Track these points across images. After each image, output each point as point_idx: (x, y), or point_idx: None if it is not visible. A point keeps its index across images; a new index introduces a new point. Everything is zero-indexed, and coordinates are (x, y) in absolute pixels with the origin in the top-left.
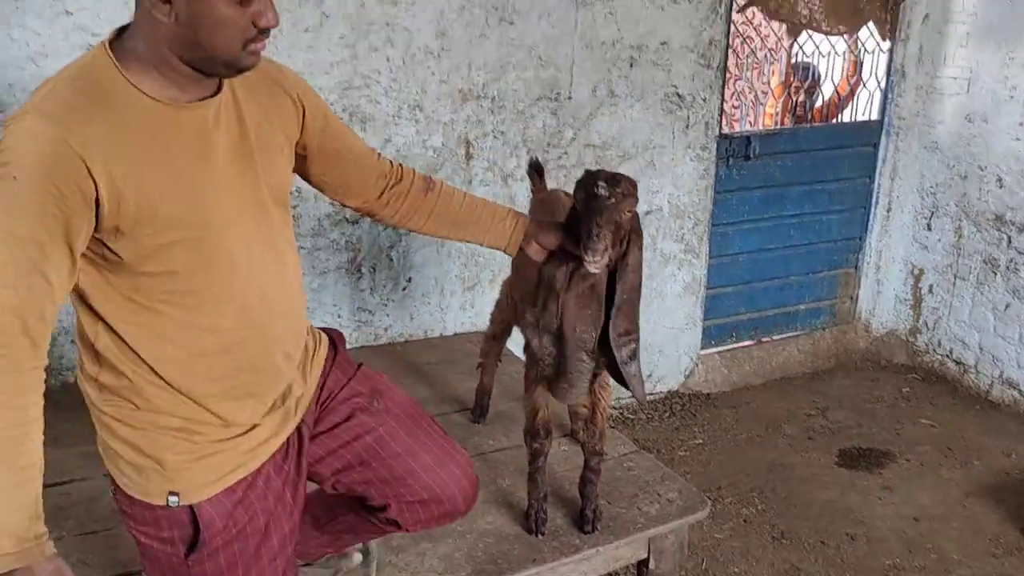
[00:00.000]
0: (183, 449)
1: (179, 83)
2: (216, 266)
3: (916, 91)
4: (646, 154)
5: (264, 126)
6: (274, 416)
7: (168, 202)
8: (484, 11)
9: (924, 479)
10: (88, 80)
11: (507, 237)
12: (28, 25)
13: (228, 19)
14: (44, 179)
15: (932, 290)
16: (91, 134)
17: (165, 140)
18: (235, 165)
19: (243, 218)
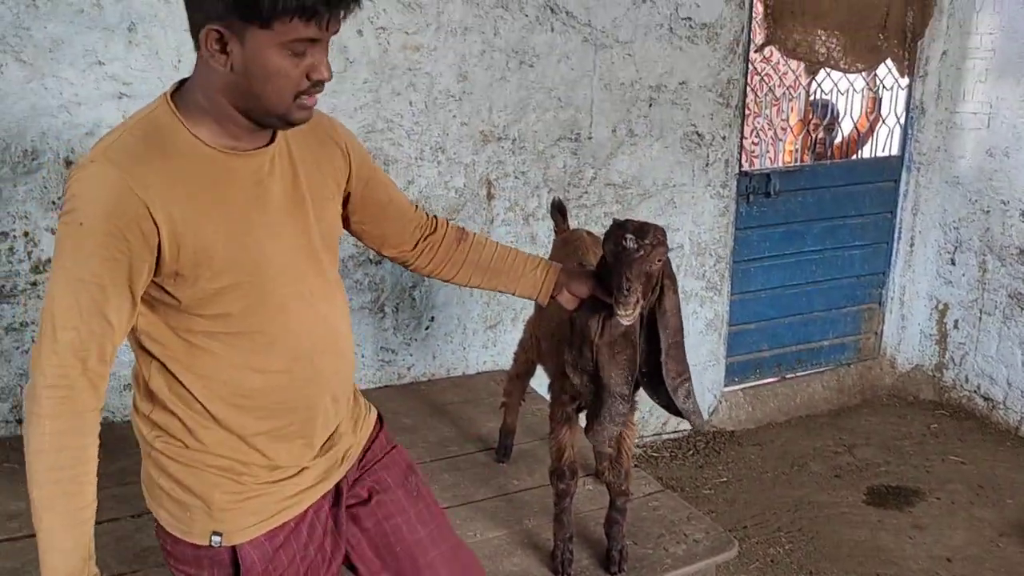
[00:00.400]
0: (229, 489)
1: (235, 133)
2: (269, 309)
3: (936, 126)
4: (666, 192)
5: (315, 175)
6: (321, 461)
7: (225, 247)
8: (504, 55)
9: (955, 518)
10: (150, 129)
11: (538, 286)
12: (61, 75)
13: (281, 71)
14: (108, 223)
15: (958, 325)
16: (152, 180)
17: (222, 187)
18: (288, 212)
19: (296, 263)
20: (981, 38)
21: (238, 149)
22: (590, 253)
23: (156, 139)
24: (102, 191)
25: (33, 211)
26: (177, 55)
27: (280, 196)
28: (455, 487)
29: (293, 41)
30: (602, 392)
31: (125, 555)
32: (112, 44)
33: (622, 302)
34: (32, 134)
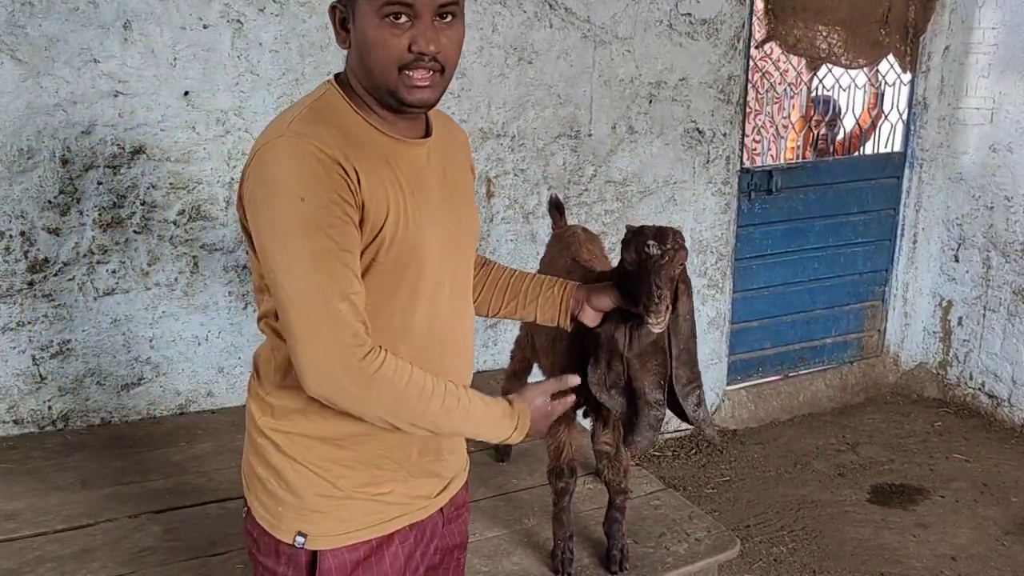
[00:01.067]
0: (325, 491)
1: (388, 119)
2: (412, 294)
3: (939, 122)
4: (667, 189)
5: (463, 175)
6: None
7: (394, 222)
8: (503, 51)
9: (960, 516)
10: (325, 110)
11: (558, 305)
12: (57, 73)
13: (379, 40)
14: (326, 191)
15: (962, 322)
16: (342, 150)
17: (394, 167)
18: (443, 204)
19: (445, 255)
20: (984, 33)
21: (400, 136)
22: (583, 249)
23: (332, 119)
24: (307, 163)
25: (29, 210)
26: (173, 52)
27: (437, 187)
28: None
29: (385, 5)
30: (637, 402)
31: (123, 555)
32: (107, 42)
33: (653, 311)
34: (28, 133)
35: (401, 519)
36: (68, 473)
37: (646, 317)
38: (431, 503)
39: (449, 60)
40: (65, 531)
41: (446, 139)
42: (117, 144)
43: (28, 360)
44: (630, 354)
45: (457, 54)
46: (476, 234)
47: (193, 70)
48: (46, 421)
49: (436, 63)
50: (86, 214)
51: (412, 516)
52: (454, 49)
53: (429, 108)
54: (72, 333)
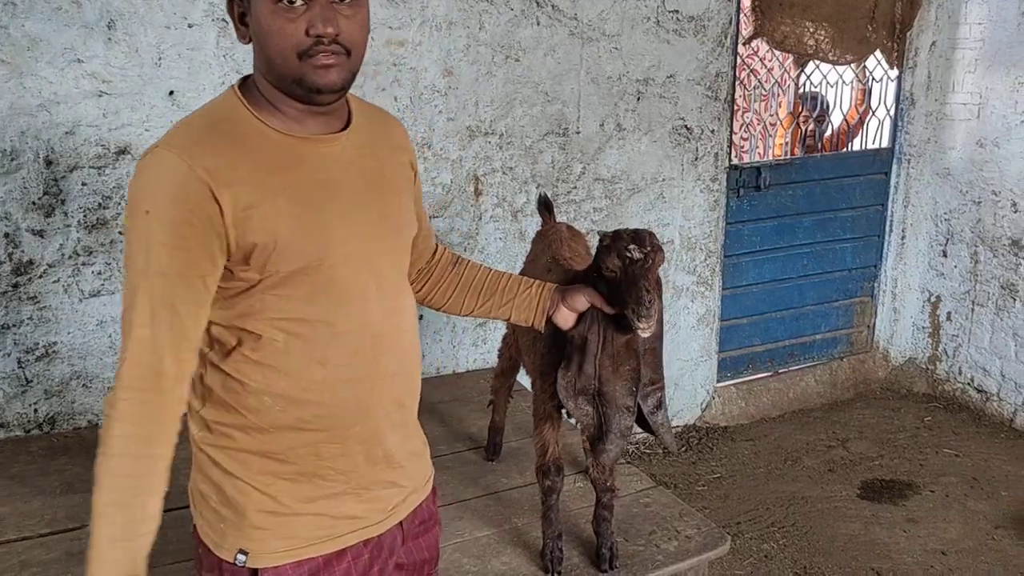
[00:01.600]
0: (266, 507)
1: (296, 117)
2: (333, 298)
3: (926, 118)
4: (655, 187)
5: (392, 168)
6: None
7: (290, 230)
8: (490, 49)
9: (950, 511)
10: (215, 115)
11: (533, 306)
12: (40, 73)
13: (274, 27)
14: (173, 210)
15: (950, 317)
16: (216, 163)
17: (290, 171)
18: (361, 200)
19: (365, 253)
20: (970, 28)
21: (306, 134)
22: (565, 246)
23: (221, 124)
24: (164, 176)
25: (13, 212)
26: (157, 52)
27: (354, 183)
28: (444, 486)
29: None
30: (607, 409)
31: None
32: (91, 42)
33: (644, 315)
34: (11, 134)
35: (353, 535)
36: (53, 477)
37: (636, 323)
38: (388, 517)
39: (354, 43)
40: (50, 535)
41: (373, 131)
42: (101, 144)
43: (13, 363)
44: (603, 356)
45: (362, 37)
46: (406, 228)
47: (178, 69)
48: (32, 424)
49: (338, 46)
50: (71, 215)
51: (366, 531)
52: (357, 31)
53: (340, 91)
54: (58, 335)
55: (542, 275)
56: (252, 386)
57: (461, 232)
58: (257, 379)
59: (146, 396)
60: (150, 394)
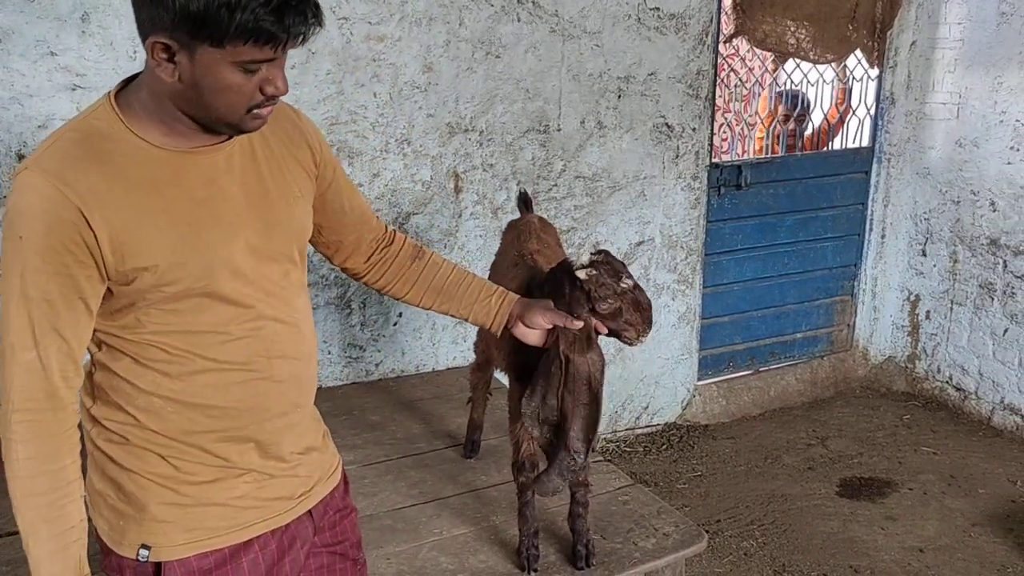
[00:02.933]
0: (167, 499)
1: (184, 133)
2: (220, 311)
3: (906, 117)
4: (636, 184)
5: (282, 172)
6: (274, 484)
7: (173, 250)
8: (470, 45)
9: (928, 508)
10: (89, 131)
11: (492, 315)
12: (12, 66)
13: (233, 86)
14: (47, 236)
15: (929, 316)
16: (89, 185)
17: (170, 187)
18: (246, 211)
19: (253, 264)
20: (950, 28)
21: (188, 147)
22: (534, 238)
23: (94, 142)
24: (35, 201)
25: None
26: (132, 46)
27: (237, 194)
28: (422, 483)
29: (247, 61)
30: (558, 445)
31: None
32: (64, 34)
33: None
34: None
35: (259, 525)
36: None
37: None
38: (296, 505)
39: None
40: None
41: (262, 133)
42: None
43: None
44: (564, 390)
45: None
46: (298, 234)
47: None
48: None
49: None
50: None
51: (273, 521)
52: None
53: None
54: None
55: (508, 271)
56: (142, 388)
57: (441, 229)
58: (146, 382)
59: (43, 416)
60: (46, 413)
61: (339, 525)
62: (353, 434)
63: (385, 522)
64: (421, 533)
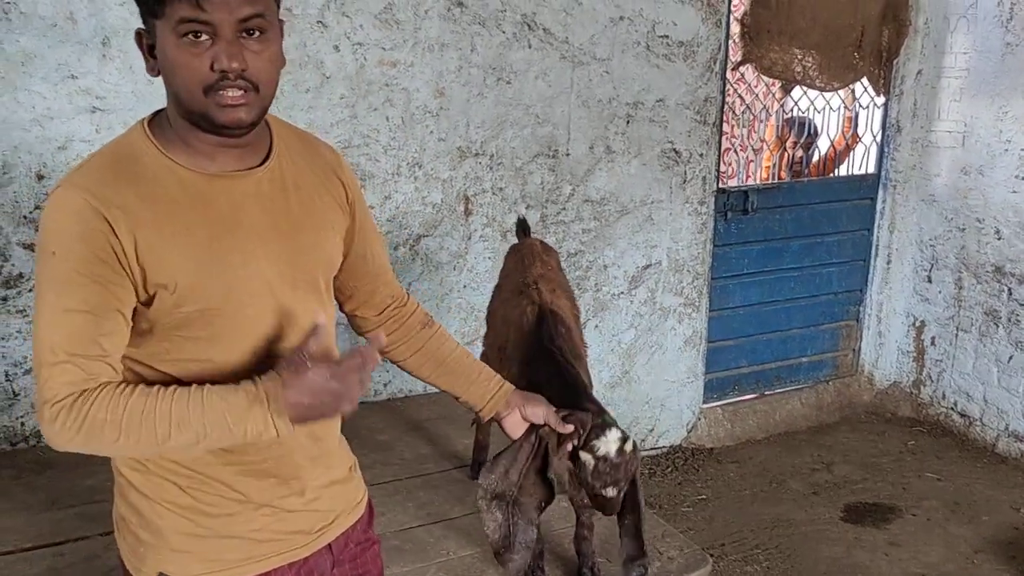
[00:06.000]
0: (185, 529)
1: (206, 152)
2: (239, 340)
3: (912, 145)
4: (644, 209)
5: (315, 202)
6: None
7: (193, 272)
8: (482, 71)
9: (932, 535)
10: (121, 152)
11: (487, 398)
12: (33, 88)
13: (179, 60)
14: (80, 247)
15: (935, 342)
16: (117, 202)
17: (195, 210)
18: (271, 239)
19: (268, 294)
20: (955, 57)
21: (213, 170)
22: (538, 261)
23: (126, 163)
24: (68, 216)
25: (4, 225)
26: None
27: (263, 221)
28: (430, 504)
29: (180, 23)
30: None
31: (93, 574)
32: (85, 58)
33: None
34: (3, 148)
35: (275, 558)
36: (39, 491)
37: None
38: (313, 540)
39: (262, 78)
40: (34, 549)
41: (297, 164)
42: None
43: (1, 376)
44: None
45: (270, 71)
46: (323, 266)
47: None
48: (18, 438)
49: (245, 81)
50: None
51: (290, 555)
52: (265, 66)
53: (249, 127)
54: None
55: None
56: None
57: (450, 251)
58: None
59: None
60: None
61: (360, 557)
62: (361, 454)
63: (393, 543)
64: (429, 554)
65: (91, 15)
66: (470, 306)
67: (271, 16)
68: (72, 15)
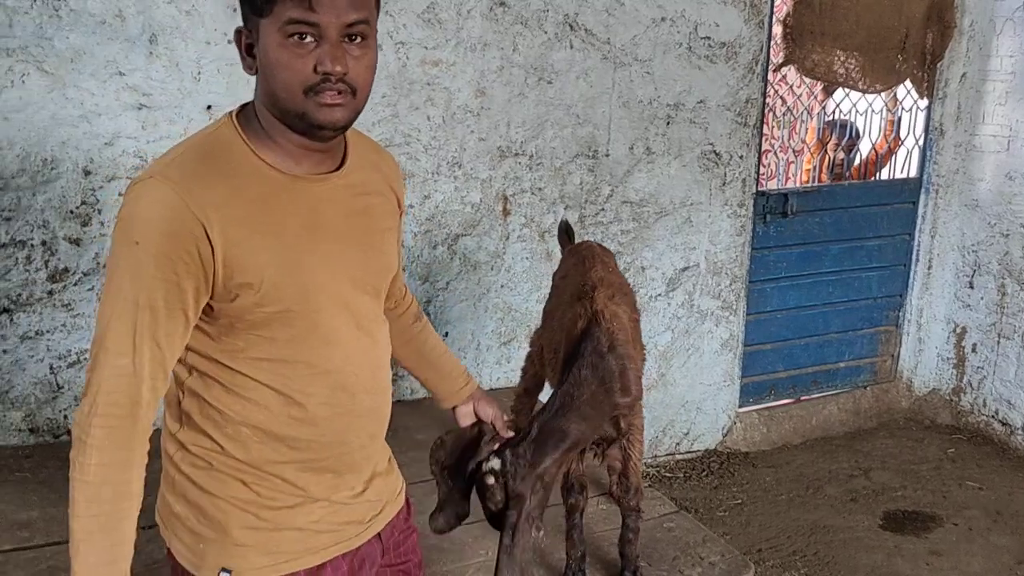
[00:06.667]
0: (248, 523)
1: (293, 154)
2: (315, 340)
3: (955, 149)
4: (683, 211)
5: (377, 209)
6: (347, 510)
7: (276, 272)
8: (523, 71)
9: (973, 544)
10: (211, 147)
11: (452, 392)
12: (82, 85)
13: (282, 60)
14: (164, 244)
15: (976, 349)
16: (210, 199)
17: (280, 211)
18: (345, 242)
19: (347, 294)
20: (1001, 60)
21: (301, 173)
22: (598, 264)
23: (217, 158)
24: (158, 209)
25: (51, 220)
26: (197, 67)
27: (339, 224)
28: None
29: (288, 24)
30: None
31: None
32: (133, 55)
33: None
34: (52, 143)
35: (333, 548)
36: None
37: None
38: (365, 530)
39: (360, 83)
40: None
41: (365, 171)
42: (139, 156)
43: (46, 369)
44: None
45: (368, 77)
46: (390, 267)
47: (217, 84)
48: (61, 430)
49: (345, 85)
50: (107, 225)
51: (345, 544)
52: (364, 72)
53: (342, 130)
54: (89, 343)
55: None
56: (231, 416)
57: (488, 251)
58: (236, 410)
59: (123, 423)
60: (126, 421)
61: (403, 546)
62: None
63: (431, 541)
64: (467, 554)
65: (139, 12)
66: (507, 306)
67: (373, 23)
68: (120, 12)
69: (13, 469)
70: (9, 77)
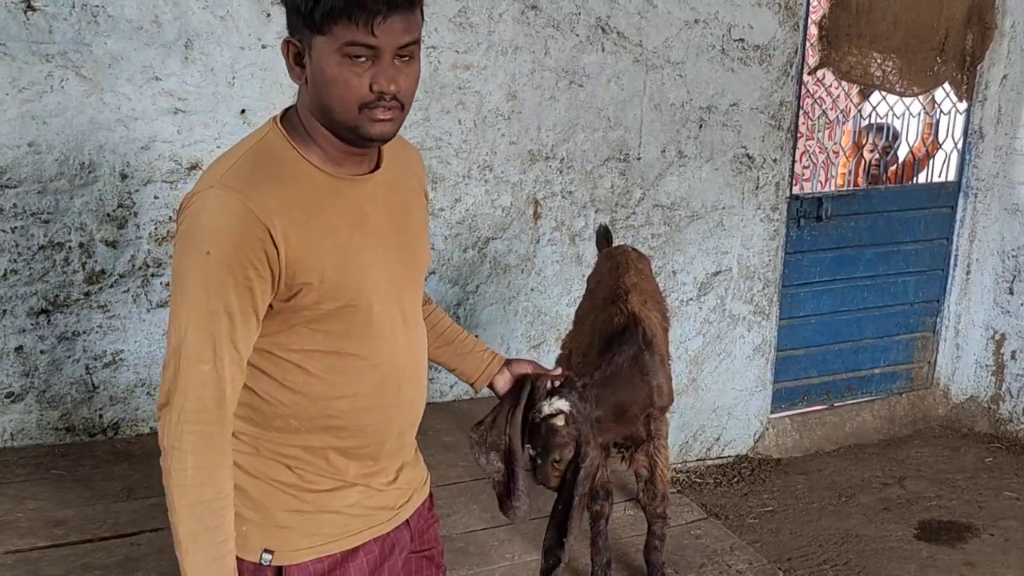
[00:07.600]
0: (291, 506)
1: (336, 158)
2: (367, 334)
3: (995, 152)
4: (715, 214)
5: (413, 205)
6: (381, 496)
7: (334, 271)
8: (555, 75)
9: (1009, 556)
10: (264, 154)
11: (481, 368)
12: (120, 90)
13: (339, 78)
14: (235, 251)
15: (1015, 356)
16: (271, 204)
17: (331, 211)
18: (389, 240)
19: (394, 290)
20: None
21: (345, 175)
22: (632, 268)
23: (270, 165)
24: (225, 218)
25: (89, 223)
26: (232, 72)
27: (383, 222)
28: (494, 507)
29: (346, 45)
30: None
31: (168, 565)
32: (169, 60)
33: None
34: (89, 147)
35: (367, 532)
36: (116, 482)
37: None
38: (396, 515)
39: (407, 97)
40: (111, 539)
41: (398, 167)
42: (175, 160)
43: (82, 369)
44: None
45: (414, 89)
46: (427, 260)
47: (251, 89)
48: (96, 429)
49: (396, 101)
50: (143, 228)
51: (378, 529)
52: (412, 87)
53: (388, 140)
54: (125, 344)
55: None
56: (280, 409)
57: (518, 254)
58: (286, 402)
59: (213, 427)
60: (216, 426)
61: (427, 532)
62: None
63: (458, 544)
64: (493, 558)
65: (175, 18)
66: (537, 309)
67: (420, 40)
68: (157, 18)
69: (49, 467)
70: (48, 82)
